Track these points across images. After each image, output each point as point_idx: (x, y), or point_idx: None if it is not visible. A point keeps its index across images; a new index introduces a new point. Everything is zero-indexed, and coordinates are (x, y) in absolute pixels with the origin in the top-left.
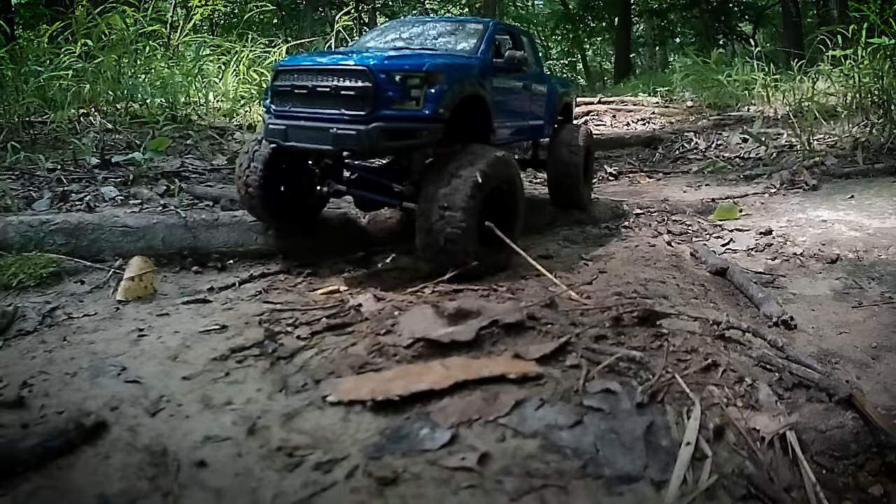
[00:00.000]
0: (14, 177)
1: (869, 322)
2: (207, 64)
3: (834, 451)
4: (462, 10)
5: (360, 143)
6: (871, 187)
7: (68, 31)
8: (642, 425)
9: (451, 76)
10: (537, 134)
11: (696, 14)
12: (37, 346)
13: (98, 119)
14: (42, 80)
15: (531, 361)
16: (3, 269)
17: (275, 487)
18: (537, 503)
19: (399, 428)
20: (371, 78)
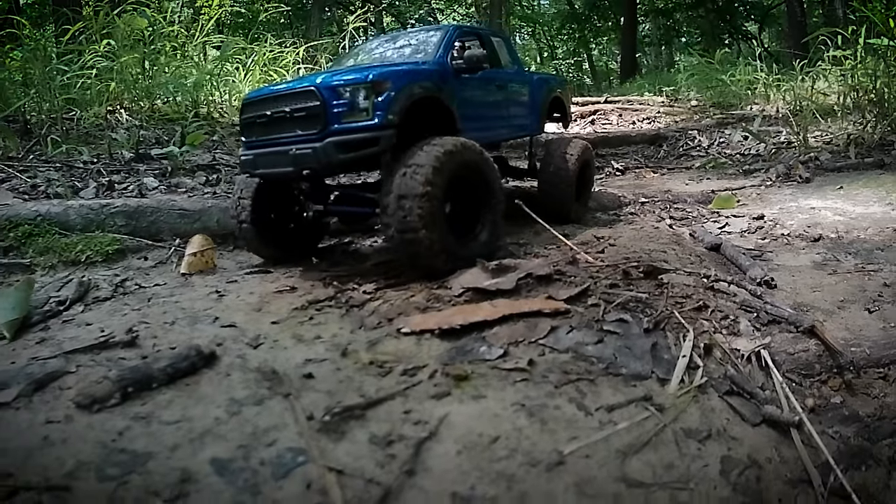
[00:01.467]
0: (54, 169)
1: (840, 285)
2: (226, 63)
3: (801, 370)
4: (468, 10)
5: (318, 160)
6: (860, 179)
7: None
8: (649, 344)
9: (398, 83)
10: (522, 130)
11: (702, 13)
12: (121, 307)
13: (125, 116)
14: (66, 79)
15: (560, 301)
16: (71, 247)
17: (375, 386)
18: (574, 391)
19: (463, 346)
20: (318, 96)
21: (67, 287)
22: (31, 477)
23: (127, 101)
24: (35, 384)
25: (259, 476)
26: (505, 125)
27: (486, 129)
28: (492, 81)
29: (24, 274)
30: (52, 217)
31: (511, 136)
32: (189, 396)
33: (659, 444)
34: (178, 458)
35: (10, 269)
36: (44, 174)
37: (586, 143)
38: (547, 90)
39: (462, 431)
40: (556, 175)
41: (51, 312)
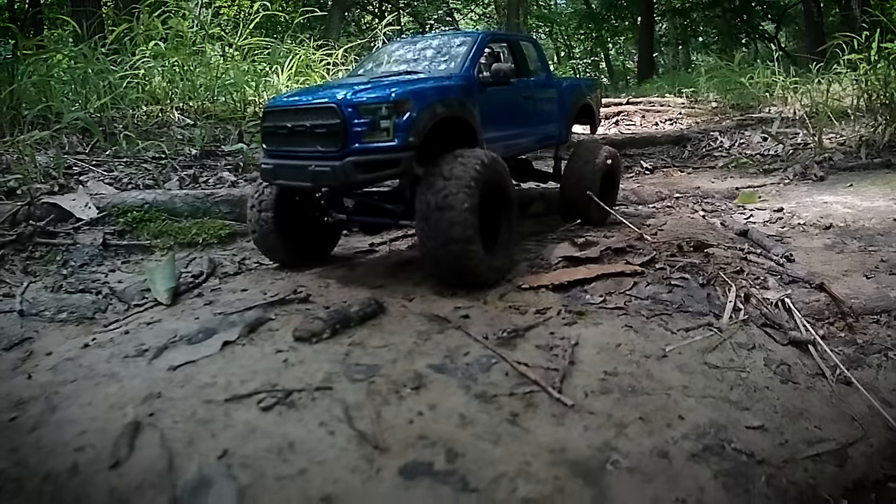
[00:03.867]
0: (125, 164)
1: (845, 260)
2: (264, 65)
3: (814, 314)
4: (486, 10)
5: (337, 179)
6: (868, 178)
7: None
8: (704, 294)
9: (420, 103)
10: (548, 140)
11: (719, 13)
12: (261, 278)
13: (176, 115)
14: (118, 79)
15: (636, 266)
16: (185, 231)
17: (520, 320)
18: (660, 320)
19: (572, 295)
20: (339, 114)
21: (194, 264)
22: (294, 385)
23: (178, 100)
24: (249, 327)
25: (469, 370)
26: (528, 137)
27: (509, 142)
28: (518, 93)
29: (143, 254)
30: (160, 204)
31: (534, 148)
32: (382, 331)
33: (722, 349)
34: (401, 366)
35: (130, 249)
36: (119, 169)
37: (614, 150)
38: (575, 97)
39: (594, 342)
40: (580, 180)
41: (192, 284)
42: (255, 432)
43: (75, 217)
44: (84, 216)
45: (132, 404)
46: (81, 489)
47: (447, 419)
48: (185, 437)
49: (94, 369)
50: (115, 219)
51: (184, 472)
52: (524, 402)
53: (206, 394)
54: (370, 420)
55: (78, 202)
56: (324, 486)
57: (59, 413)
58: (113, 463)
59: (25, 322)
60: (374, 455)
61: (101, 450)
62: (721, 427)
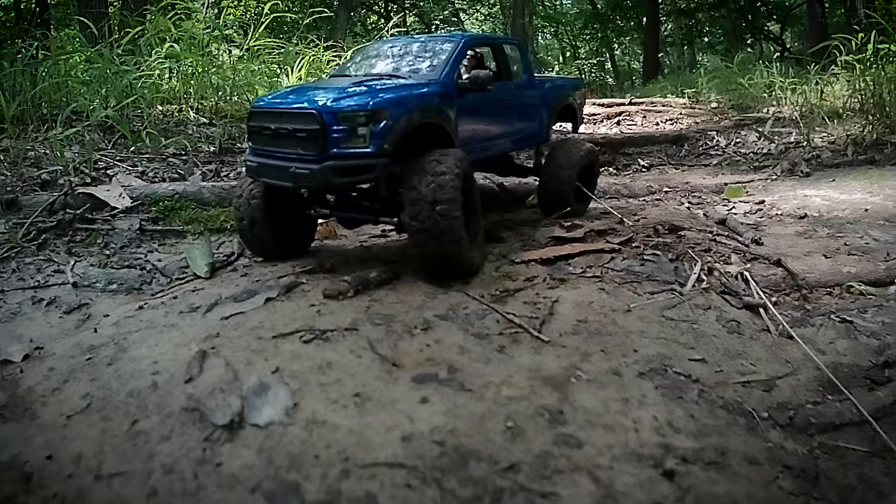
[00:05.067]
0: (147, 159)
1: (811, 244)
2: (275, 65)
3: (771, 286)
4: (492, 10)
5: (315, 182)
6: (851, 174)
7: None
8: (672, 267)
9: (397, 111)
10: (528, 140)
11: (724, 14)
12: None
13: (192, 114)
14: (134, 79)
15: (615, 244)
16: (214, 218)
17: (511, 285)
18: (630, 286)
19: (557, 267)
20: (319, 120)
21: (225, 247)
22: (327, 327)
23: (193, 99)
24: (285, 289)
25: (468, 318)
26: (507, 139)
27: (486, 144)
28: (498, 97)
29: (177, 238)
30: (189, 195)
31: (514, 149)
32: (396, 292)
33: (681, 308)
34: (412, 316)
35: (165, 234)
36: (143, 164)
37: (592, 147)
38: (557, 99)
39: (572, 300)
40: (559, 174)
41: (226, 261)
42: (300, 357)
43: (110, 206)
44: (119, 205)
45: (195, 342)
46: (161, 398)
47: (449, 349)
48: (244, 360)
49: (154, 322)
50: (147, 207)
51: (247, 381)
52: (510, 339)
53: (257, 333)
54: (389, 348)
55: (112, 192)
56: (355, 388)
57: (130, 352)
58: (187, 378)
59: (79, 292)
60: (392, 370)
61: (175, 372)
62: (667, 358)
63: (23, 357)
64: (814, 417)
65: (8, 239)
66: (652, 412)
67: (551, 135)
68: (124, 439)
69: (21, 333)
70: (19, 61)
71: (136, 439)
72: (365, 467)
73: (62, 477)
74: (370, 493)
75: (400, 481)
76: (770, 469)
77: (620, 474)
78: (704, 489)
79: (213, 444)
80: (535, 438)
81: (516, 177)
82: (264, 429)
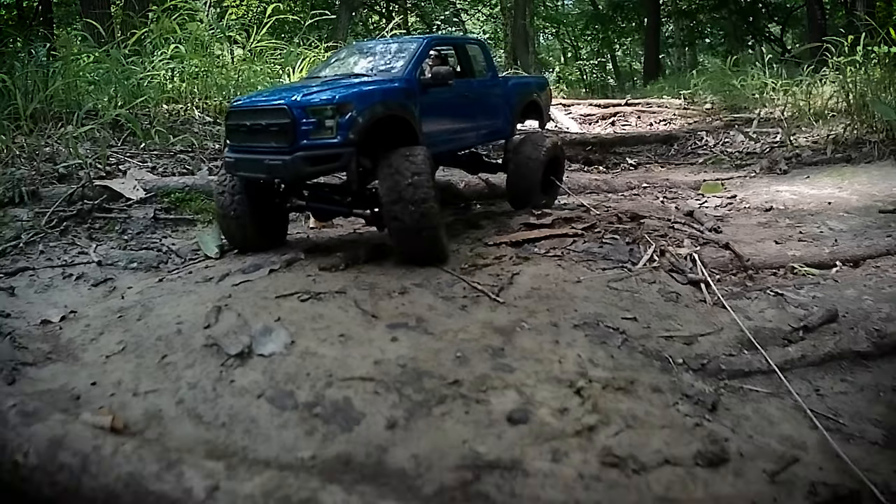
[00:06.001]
0: (156, 156)
1: (767, 232)
2: (277, 66)
3: (719, 267)
4: (493, 10)
5: (287, 171)
6: (826, 171)
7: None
8: (628, 249)
9: (360, 105)
10: (493, 136)
11: (725, 15)
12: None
13: (197, 113)
14: (139, 80)
15: (578, 230)
16: None
17: (482, 261)
18: (585, 263)
19: (524, 248)
20: (290, 115)
21: None
22: (320, 290)
23: (197, 99)
24: (286, 263)
25: (439, 286)
26: (472, 133)
27: (450, 138)
28: (460, 93)
29: (188, 226)
30: (199, 187)
31: (479, 142)
32: (381, 266)
33: (627, 281)
34: (392, 283)
35: (177, 222)
36: (152, 160)
37: (557, 140)
38: (521, 96)
39: (530, 273)
40: (525, 169)
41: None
42: (297, 311)
43: (125, 197)
44: (133, 196)
45: (211, 301)
46: (185, 340)
47: (419, 307)
48: (252, 312)
49: (174, 290)
50: (160, 199)
51: (254, 326)
52: (472, 301)
53: (262, 294)
54: (370, 306)
55: (127, 185)
56: (340, 331)
57: (156, 311)
58: (206, 325)
59: (104, 269)
60: (372, 320)
61: (195, 322)
62: (602, 316)
63: (60, 318)
64: (725, 366)
65: (32, 226)
66: (577, 351)
67: (515, 131)
68: (156, 369)
69: (56, 301)
70: (32, 62)
71: (166, 368)
72: (344, 380)
73: (106, 395)
74: (347, 397)
75: (370, 389)
76: (671, 397)
77: (540, 391)
78: (608, 405)
79: (228, 368)
80: (477, 365)
81: (486, 173)
82: (268, 357)
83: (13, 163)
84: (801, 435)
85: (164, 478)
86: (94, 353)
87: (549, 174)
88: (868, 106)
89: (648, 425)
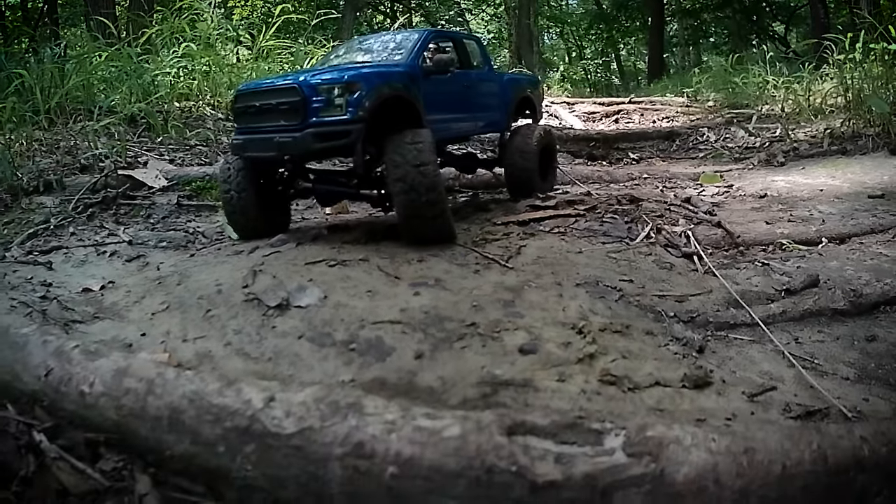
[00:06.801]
0: (172, 149)
1: (759, 215)
2: (285, 65)
3: (712, 244)
4: (497, 10)
5: (297, 147)
6: (821, 162)
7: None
8: (626, 227)
9: (368, 84)
10: (490, 127)
11: (729, 14)
12: (310, 221)
13: (208, 110)
14: (153, 77)
15: (581, 210)
16: None
17: (491, 236)
18: (587, 239)
19: (530, 227)
20: (300, 93)
21: None
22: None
23: (208, 96)
24: (312, 237)
25: (454, 255)
26: (471, 122)
27: (452, 123)
28: (459, 82)
29: (210, 211)
30: (217, 176)
31: (477, 131)
32: (398, 241)
33: (625, 252)
34: (410, 254)
35: (199, 208)
36: (169, 153)
37: (548, 127)
38: (516, 90)
39: (536, 245)
40: (521, 157)
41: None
42: (326, 274)
43: (147, 186)
44: (155, 185)
45: (246, 269)
46: (226, 297)
47: (437, 271)
48: (286, 275)
49: (207, 262)
50: (181, 187)
51: (290, 285)
52: (484, 266)
53: (292, 262)
54: (392, 269)
55: (149, 174)
56: (367, 288)
57: (193, 277)
58: (244, 285)
59: (134, 248)
60: (395, 280)
61: (233, 283)
62: (601, 278)
63: (100, 287)
64: (713, 319)
65: (60, 211)
66: (579, 303)
67: (511, 125)
68: (201, 321)
69: (93, 273)
70: (46, 60)
71: (211, 320)
72: (374, 324)
73: (156, 343)
74: (378, 336)
75: (398, 330)
76: (663, 339)
77: (547, 331)
78: (605, 342)
79: (269, 316)
80: (491, 312)
81: (483, 169)
82: (304, 308)
83: (34, 155)
84: (779, 371)
85: (224, 393)
86: (139, 312)
87: (543, 162)
88: (865, 101)
89: (642, 357)
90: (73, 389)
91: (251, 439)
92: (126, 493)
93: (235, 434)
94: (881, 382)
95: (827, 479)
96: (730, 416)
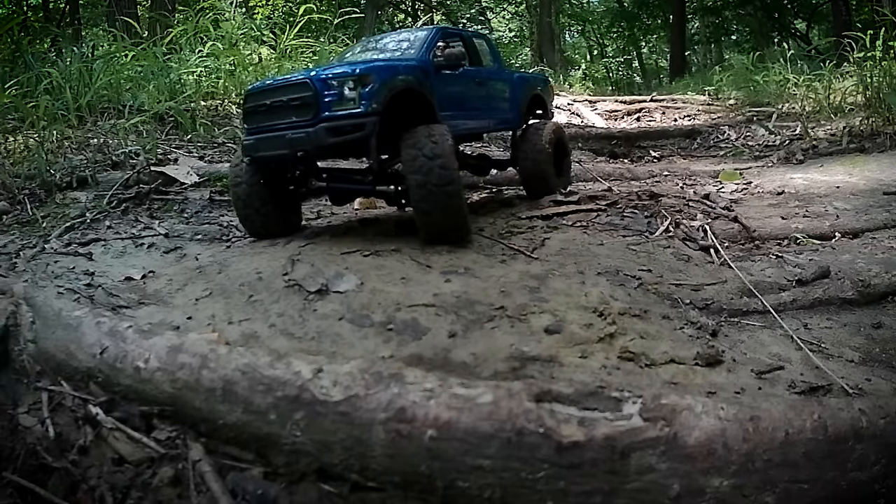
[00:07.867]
0: (200, 147)
1: (776, 210)
2: (308, 64)
3: (729, 238)
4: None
5: (311, 143)
6: (839, 160)
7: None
8: (646, 221)
9: (380, 76)
10: (503, 124)
11: (751, 12)
12: (338, 218)
13: (234, 108)
14: (178, 76)
15: (602, 205)
16: None
17: (517, 229)
18: (608, 232)
19: (552, 221)
20: (312, 87)
21: None
22: (379, 248)
23: (234, 94)
24: (344, 229)
25: (480, 247)
26: (483, 117)
27: (465, 119)
28: (471, 78)
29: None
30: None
31: (490, 129)
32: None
33: (645, 245)
34: (439, 246)
35: (230, 203)
36: (198, 150)
37: (558, 123)
38: (527, 88)
39: (559, 238)
40: (534, 156)
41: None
42: (361, 262)
43: (179, 182)
44: (187, 181)
45: (284, 258)
46: (267, 284)
47: (466, 261)
48: (323, 263)
49: (245, 252)
50: (213, 183)
51: (328, 273)
52: (510, 257)
53: (328, 252)
54: (423, 259)
55: (181, 170)
56: (401, 275)
57: (233, 266)
58: (283, 273)
59: (171, 240)
60: (426, 269)
61: (273, 271)
62: (621, 268)
63: (141, 276)
64: (726, 306)
65: (94, 206)
66: (600, 290)
67: (524, 123)
68: (244, 305)
69: (133, 263)
70: (75, 59)
71: (254, 304)
72: (410, 307)
73: (202, 325)
74: (414, 318)
75: (432, 312)
76: (678, 323)
77: (570, 314)
78: (624, 325)
79: (310, 301)
80: (518, 297)
81: (496, 170)
82: (343, 293)
83: (66, 153)
84: (787, 353)
85: (275, 365)
86: (183, 298)
87: (557, 158)
88: (885, 99)
89: (658, 337)
90: (129, 365)
91: (300, 407)
92: (180, 460)
93: (286, 403)
94: (884, 365)
95: (827, 446)
96: (738, 390)
